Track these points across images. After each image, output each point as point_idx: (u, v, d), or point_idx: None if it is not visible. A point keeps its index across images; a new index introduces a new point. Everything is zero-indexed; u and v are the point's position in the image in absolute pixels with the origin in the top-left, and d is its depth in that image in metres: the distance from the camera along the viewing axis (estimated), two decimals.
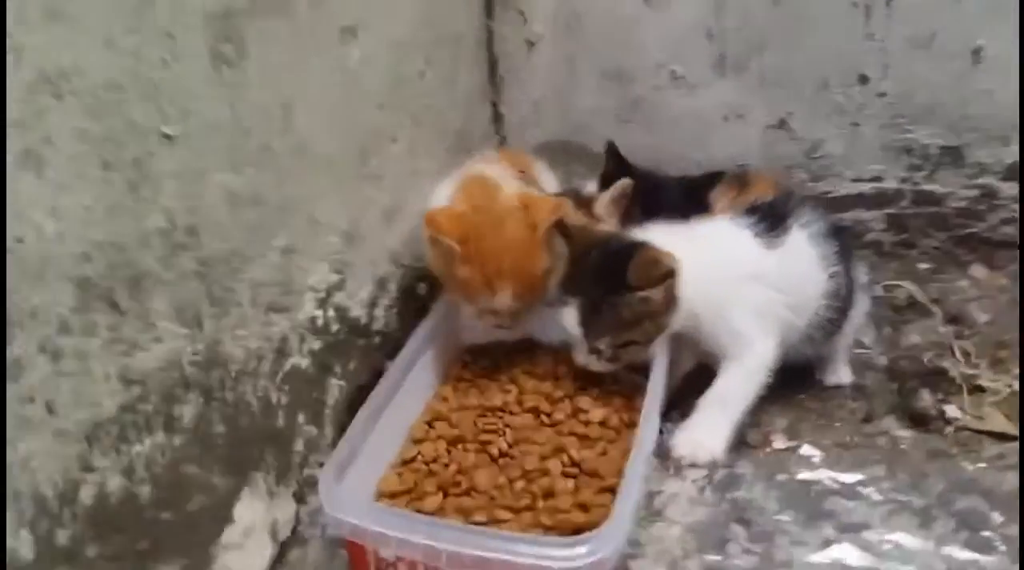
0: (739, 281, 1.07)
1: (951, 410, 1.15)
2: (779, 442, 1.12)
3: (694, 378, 1.14)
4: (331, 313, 1.03)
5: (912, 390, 1.18)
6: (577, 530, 0.88)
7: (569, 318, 1.06)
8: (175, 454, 0.76)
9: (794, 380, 1.15)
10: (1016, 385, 1.18)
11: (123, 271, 0.69)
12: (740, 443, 1.09)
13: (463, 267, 1.07)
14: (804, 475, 1.05)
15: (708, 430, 1.06)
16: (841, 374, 1.23)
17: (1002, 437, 1.10)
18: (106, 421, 0.68)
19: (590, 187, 1.32)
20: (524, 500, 0.93)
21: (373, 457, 0.96)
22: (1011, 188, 1.45)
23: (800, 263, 1.11)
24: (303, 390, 0.97)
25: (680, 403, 1.12)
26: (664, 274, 1.01)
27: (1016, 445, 1.07)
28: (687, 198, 1.24)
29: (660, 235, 1.08)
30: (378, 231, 1.15)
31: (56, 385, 0.63)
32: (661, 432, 1.03)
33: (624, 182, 1.17)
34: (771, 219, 1.11)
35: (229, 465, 0.84)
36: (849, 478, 1.04)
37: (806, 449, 1.09)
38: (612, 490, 0.94)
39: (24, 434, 0.60)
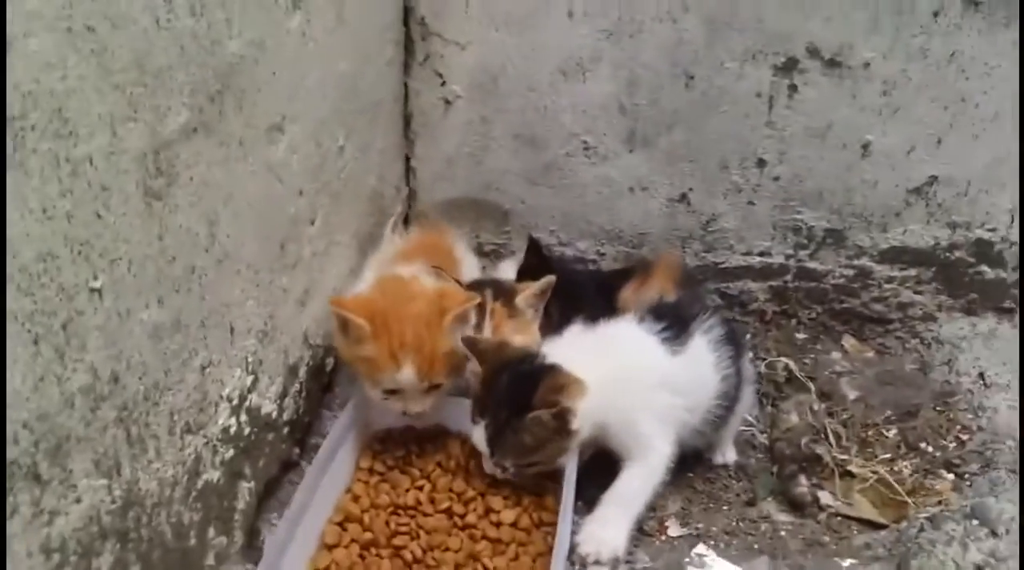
0: (646, 388, 1.13)
1: (824, 496, 1.25)
2: (673, 529, 1.19)
3: (594, 462, 1.19)
4: (244, 418, 1.01)
5: (791, 475, 1.27)
6: None
7: (477, 436, 1.10)
8: None
9: (683, 458, 1.21)
10: (882, 471, 1.30)
11: (47, 441, 0.66)
12: (638, 530, 1.15)
13: (370, 344, 1.08)
14: None
15: (611, 527, 1.11)
16: (727, 454, 1.31)
17: (869, 524, 1.21)
18: None
19: (505, 272, 1.33)
20: None
21: (290, 567, 0.96)
22: (884, 270, 1.57)
23: (700, 368, 1.18)
24: (214, 503, 0.95)
25: (581, 491, 1.16)
26: (561, 409, 1.05)
27: (881, 534, 1.19)
28: (599, 292, 1.28)
29: (573, 343, 1.12)
30: (292, 318, 1.13)
31: None
32: None
33: (549, 279, 1.19)
34: (676, 325, 1.17)
35: None
36: None
37: (697, 538, 1.17)
38: None
39: None
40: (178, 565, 0.88)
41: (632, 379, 1.12)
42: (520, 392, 1.05)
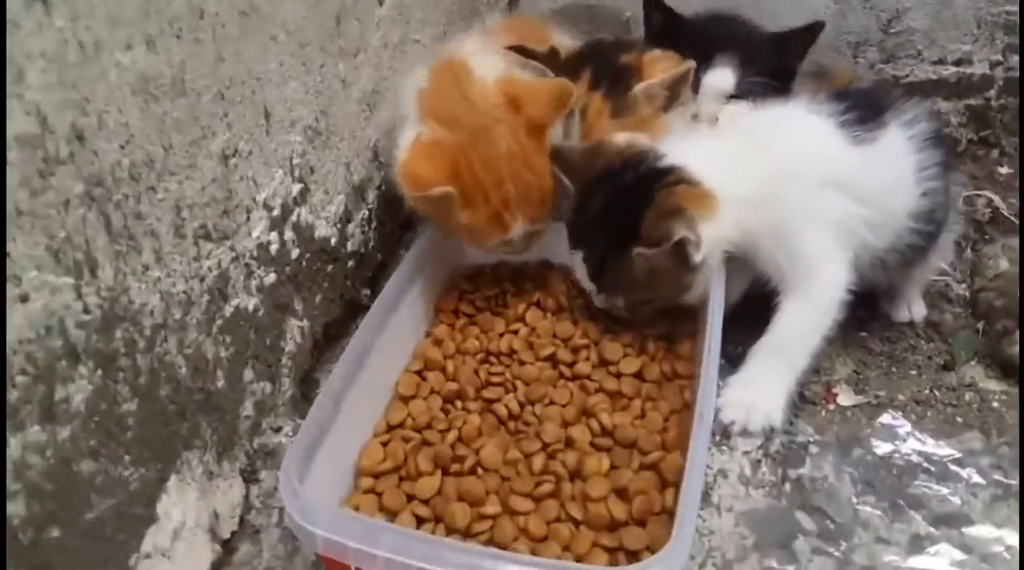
0: (813, 187, 0.84)
1: None
2: (844, 397, 0.92)
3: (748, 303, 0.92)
4: (289, 235, 0.80)
5: (1003, 333, 0.96)
6: (615, 525, 0.70)
7: (579, 270, 0.86)
8: (60, 451, 0.54)
9: (853, 313, 0.91)
10: None
11: None
12: (797, 396, 0.88)
13: (464, 212, 0.84)
14: (882, 447, 0.85)
15: (764, 389, 0.85)
16: (914, 309, 1.01)
17: None
18: None
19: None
20: (545, 484, 0.73)
21: (351, 424, 0.75)
22: None
23: (893, 170, 0.87)
24: (251, 338, 0.75)
25: (729, 338, 0.85)
26: (675, 238, 0.78)
27: None
28: None
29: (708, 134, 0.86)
30: (355, 123, 0.90)
31: None
32: None
33: (688, 66, 0.89)
34: (865, 109, 0.87)
35: (146, 450, 0.62)
36: (938, 451, 0.84)
37: (879, 408, 0.89)
38: (655, 467, 0.75)
39: None
40: (199, 408, 0.68)
41: (794, 175, 0.83)
42: (621, 214, 0.80)
